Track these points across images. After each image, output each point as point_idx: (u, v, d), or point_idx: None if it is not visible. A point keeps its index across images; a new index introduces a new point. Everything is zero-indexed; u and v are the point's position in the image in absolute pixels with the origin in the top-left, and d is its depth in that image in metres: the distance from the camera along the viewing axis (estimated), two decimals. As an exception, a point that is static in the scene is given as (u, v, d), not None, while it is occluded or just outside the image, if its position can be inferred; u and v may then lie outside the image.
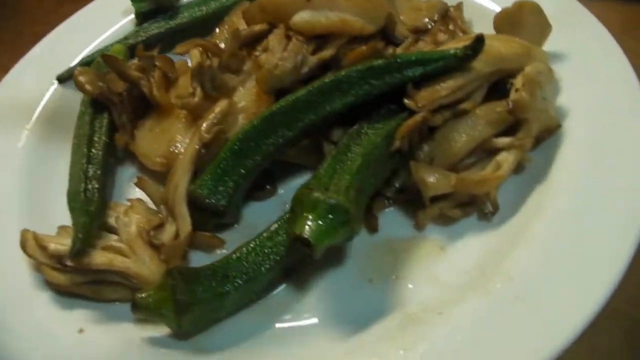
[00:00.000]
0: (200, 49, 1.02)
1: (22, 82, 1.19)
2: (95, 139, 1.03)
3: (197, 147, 0.92)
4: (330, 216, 0.75)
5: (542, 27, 1.01)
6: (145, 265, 0.86)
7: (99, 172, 0.98)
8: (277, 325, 0.83)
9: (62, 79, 1.18)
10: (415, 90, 0.89)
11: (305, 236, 0.73)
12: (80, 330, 0.83)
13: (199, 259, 0.90)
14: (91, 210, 0.92)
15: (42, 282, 0.89)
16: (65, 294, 0.88)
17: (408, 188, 0.88)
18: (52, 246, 0.86)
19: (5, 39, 1.47)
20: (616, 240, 0.76)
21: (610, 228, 0.78)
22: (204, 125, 0.93)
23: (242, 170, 0.90)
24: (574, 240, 0.78)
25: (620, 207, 0.80)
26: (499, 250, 0.82)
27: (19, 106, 1.15)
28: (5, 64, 1.30)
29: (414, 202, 0.88)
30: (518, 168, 0.88)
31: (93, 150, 1.02)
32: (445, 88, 0.88)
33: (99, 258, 0.86)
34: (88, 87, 1.06)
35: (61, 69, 1.20)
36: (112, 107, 1.06)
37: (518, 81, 0.89)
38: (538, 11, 1.00)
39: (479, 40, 0.87)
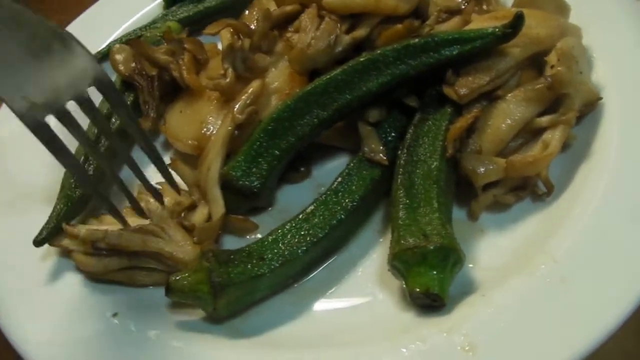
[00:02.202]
0: (231, 29, 1.00)
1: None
2: (113, 119, 1.01)
3: (229, 128, 0.91)
4: (443, 262, 0.74)
5: (561, 7, 0.98)
6: (179, 246, 0.85)
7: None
8: (314, 308, 0.81)
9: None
10: (454, 77, 0.87)
11: (434, 292, 0.73)
12: (114, 314, 0.82)
13: (230, 244, 0.89)
14: (73, 197, 0.91)
15: (73, 265, 0.87)
16: (99, 280, 0.86)
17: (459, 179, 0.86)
18: (84, 232, 0.85)
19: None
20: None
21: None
22: (237, 105, 0.92)
23: (277, 152, 0.89)
24: (621, 218, 0.76)
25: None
26: (542, 232, 0.80)
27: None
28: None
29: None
30: (563, 145, 0.85)
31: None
32: (486, 75, 0.86)
33: (133, 239, 0.85)
34: (121, 67, 1.05)
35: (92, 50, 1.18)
36: (140, 91, 1.04)
37: (552, 57, 0.87)
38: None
39: (519, 17, 0.85)
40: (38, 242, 0.86)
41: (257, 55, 0.96)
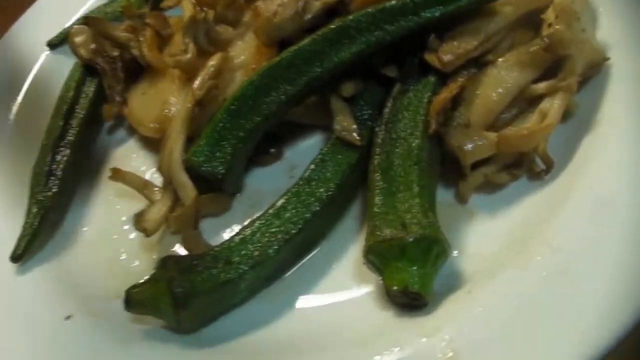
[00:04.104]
0: (193, 0, 0.92)
1: (13, 50, 1.12)
2: (78, 108, 0.97)
3: (189, 106, 0.85)
4: (425, 255, 0.67)
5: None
6: None
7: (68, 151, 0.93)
8: (285, 311, 0.74)
9: (53, 45, 1.11)
10: (437, 43, 0.80)
11: (414, 290, 0.66)
12: (68, 317, 0.77)
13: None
14: (47, 205, 0.87)
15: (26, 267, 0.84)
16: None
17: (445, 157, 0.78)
18: None
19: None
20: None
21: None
22: (196, 81, 0.85)
23: (241, 133, 0.82)
24: (629, 199, 0.68)
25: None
26: (539, 215, 0.73)
27: (10, 76, 1.08)
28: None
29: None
30: (564, 115, 0.78)
31: (71, 122, 0.96)
32: (473, 39, 0.79)
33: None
34: (81, 50, 1.00)
35: (53, 33, 1.13)
36: (104, 75, 0.98)
37: (550, 14, 0.81)
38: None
39: (510, -32, 0.76)
40: (16, 259, 0.83)
41: (219, 27, 0.88)
